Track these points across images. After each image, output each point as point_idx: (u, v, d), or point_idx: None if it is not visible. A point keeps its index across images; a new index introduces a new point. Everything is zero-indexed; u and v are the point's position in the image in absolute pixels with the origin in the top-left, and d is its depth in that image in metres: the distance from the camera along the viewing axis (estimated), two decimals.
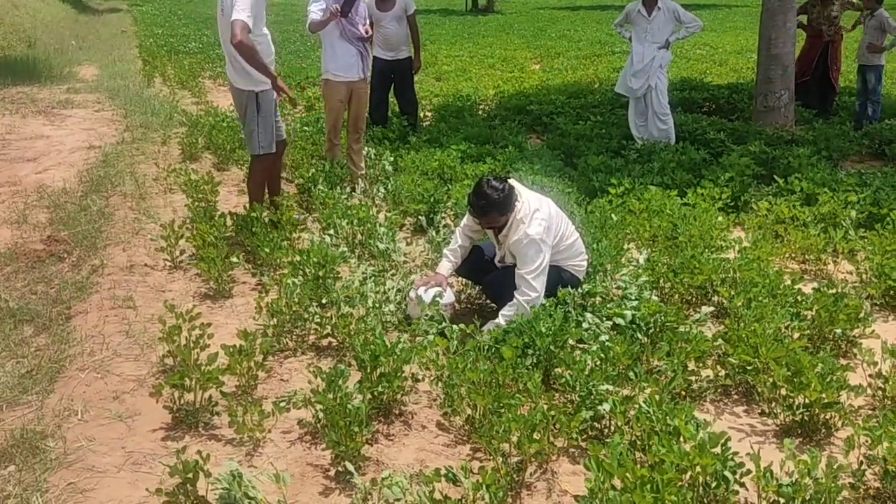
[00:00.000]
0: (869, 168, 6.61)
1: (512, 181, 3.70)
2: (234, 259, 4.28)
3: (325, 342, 3.63)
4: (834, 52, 8.45)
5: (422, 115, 8.21)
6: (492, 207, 3.62)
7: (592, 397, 2.87)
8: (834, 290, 3.70)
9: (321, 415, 2.85)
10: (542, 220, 3.62)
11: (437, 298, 3.61)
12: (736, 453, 2.44)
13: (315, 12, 5.50)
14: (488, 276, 3.93)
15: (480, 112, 9.19)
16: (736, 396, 3.25)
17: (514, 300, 3.59)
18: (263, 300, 3.76)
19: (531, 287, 3.57)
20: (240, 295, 4.18)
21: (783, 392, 3.02)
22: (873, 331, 3.56)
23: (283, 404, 2.90)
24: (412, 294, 3.77)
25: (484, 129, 7.57)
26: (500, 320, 3.60)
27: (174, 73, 11.91)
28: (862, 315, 3.57)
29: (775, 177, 5.82)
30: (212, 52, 15.52)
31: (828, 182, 5.59)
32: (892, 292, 4.11)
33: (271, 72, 4.50)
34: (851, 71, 9.79)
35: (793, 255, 4.72)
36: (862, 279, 4.31)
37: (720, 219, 4.92)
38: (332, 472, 2.70)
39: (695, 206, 5.17)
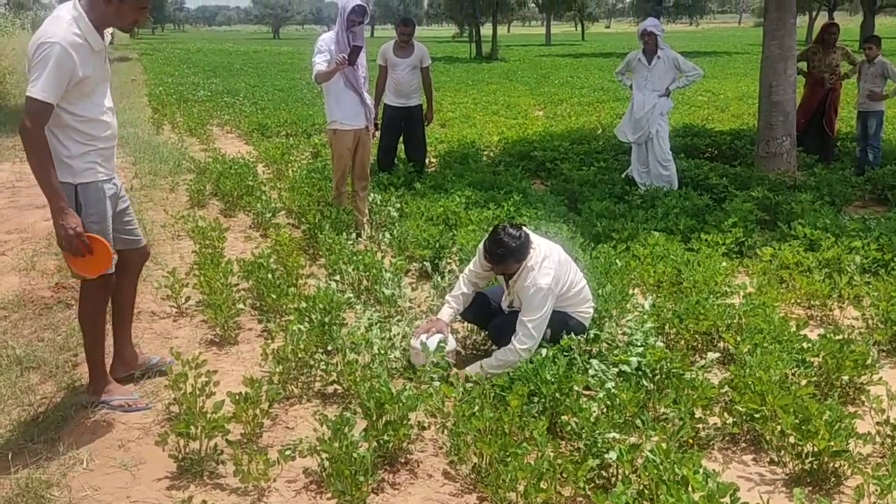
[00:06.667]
0: (872, 213, 6.64)
1: (526, 228, 3.75)
2: (241, 305, 4.30)
3: (330, 389, 3.62)
4: (834, 99, 8.57)
5: (427, 161, 8.29)
6: (509, 255, 3.65)
7: (599, 445, 2.85)
8: (840, 337, 3.69)
9: (327, 463, 2.83)
10: (550, 268, 3.66)
11: (442, 345, 3.62)
12: (746, 503, 2.41)
13: (320, 63, 5.59)
14: (494, 319, 3.94)
15: (485, 158, 9.28)
16: (744, 444, 3.22)
17: (511, 345, 3.61)
18: (269, 347, 3.77)
19: (530, 335, 3.60)
20: (245, 341, 4.19)
21: (791, 440, 3.00)
22: (881, 377, 3.54)
23: (288, 452, 2.89)
24: (414, 342, 3.77)
25: (488, 175, 7.64)
26: (493, 361, 3.65)
27: (183, 120, 12.10)
28: (869, 361, 3.55)
29: (778, 222, 5.85)
30: (220, 99, 15.80)
31: (831, 227, 5.62)
32: None
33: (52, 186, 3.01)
34: (852, 117, 9.90)
35: (798, 300, 4.71)
36: (868, 325, 4.30)
37: (724, 264, 4.93)
38: None
39: (699, 251, 5.19)
